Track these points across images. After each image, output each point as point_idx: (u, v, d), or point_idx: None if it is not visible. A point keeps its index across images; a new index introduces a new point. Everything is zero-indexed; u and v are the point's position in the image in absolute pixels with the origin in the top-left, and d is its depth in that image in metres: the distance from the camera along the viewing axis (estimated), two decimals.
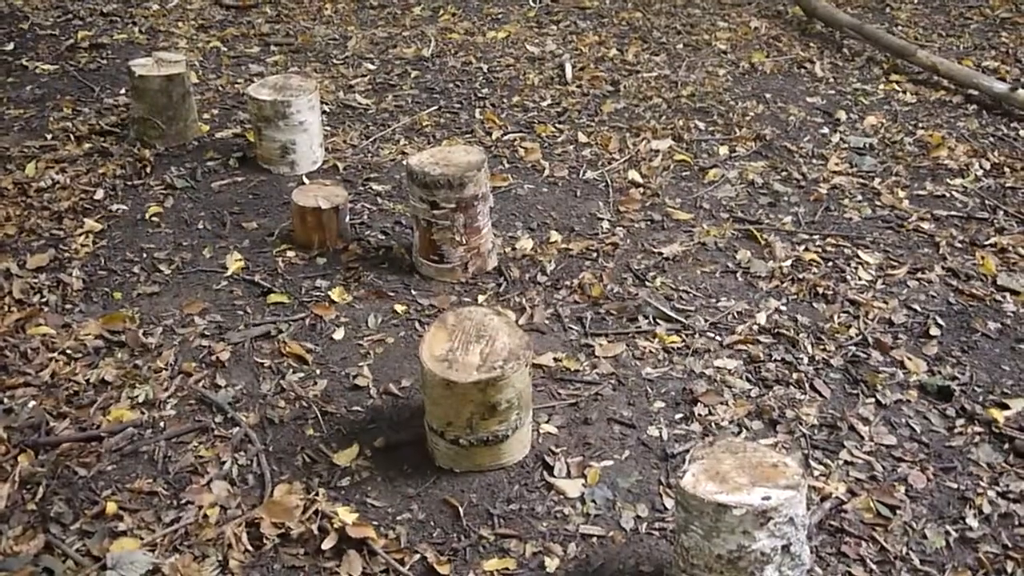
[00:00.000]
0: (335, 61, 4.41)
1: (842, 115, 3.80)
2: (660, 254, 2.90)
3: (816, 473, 2.10)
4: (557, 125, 3.75)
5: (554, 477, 2.09)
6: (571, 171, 3.41)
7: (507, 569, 1.88)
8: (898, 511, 2.00)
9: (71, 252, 2.91)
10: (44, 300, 2.68)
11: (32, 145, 3.54)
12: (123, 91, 3.98)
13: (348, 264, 2.86)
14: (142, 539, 1.92)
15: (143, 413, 2.27)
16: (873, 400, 2.31)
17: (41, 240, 2.97)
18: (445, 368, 2.00)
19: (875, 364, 2.43)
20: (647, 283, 2.76)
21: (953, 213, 3.11)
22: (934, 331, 2.54)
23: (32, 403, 2.29)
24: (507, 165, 3.45)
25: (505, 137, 3.66)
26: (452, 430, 2.04)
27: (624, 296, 2.71)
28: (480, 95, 4.02)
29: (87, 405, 2.29)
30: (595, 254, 2.91)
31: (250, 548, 1.91)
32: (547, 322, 2.60)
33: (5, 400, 2.30)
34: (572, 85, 4.11)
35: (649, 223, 3.08)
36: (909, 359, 2.44)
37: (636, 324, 2.59)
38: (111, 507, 1.99)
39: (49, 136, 3.62)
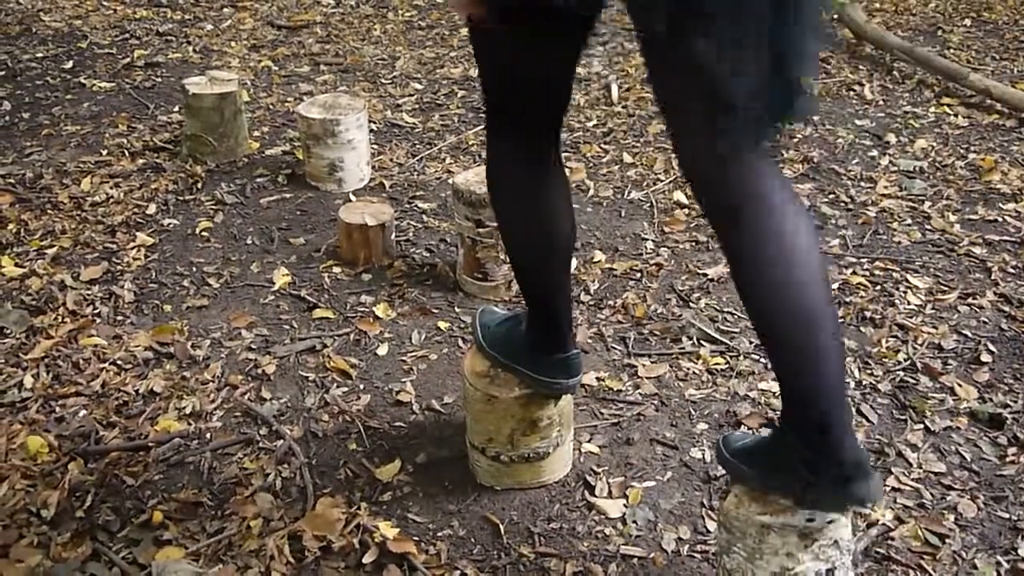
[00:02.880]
0: (383, 81, 4.47)
1: (892, 138, 3.76)
2: (705, 275, 2.88)
3: None
4: (602, 145, 3.76)
5: (595, 497, 2.08)
6: (616, 191, 3.41)
7: None
8: (947, 540, 1.96)
9: (123, 265, 2.97)
10: (96, 311, 2.73)
11: (88, 160, 3.63)
12: (177, 109, 4.07)
13: (393, 281, 2.88)
14: (187, 548, 1.94)
15: (190, 424, 2.31)
16: (922, 426, 2.27)
17: (95, 253, 3.04)
18: (487, 383, 2.01)
19: (924, 390, 2.39)
20: (691, 304, 2.75)
21: (1006, 238, 3.05)
22: (985, 357, 2.50)
23: (83, 412, 2.34)
24: None
25: None
26: (493, 446, 2.04)
27: (668, 317, 2.69)
28: None
29: (136, 415, 2.33)
30: (639, 274, 2.90)
31: (292, 560, 1.92)
32: (590, 341, 2.60)
33: (57, 409, 2.35)
34: (618, 106, 4.12)
35: (694, 244, 3.07)
36: (959, 385, 2.40)
37: (680, 345, 2.58)
38: (157, 516, 2.02)
39: (104, 152, 3.71)
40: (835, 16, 5.11)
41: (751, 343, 2.56)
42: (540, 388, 1.93)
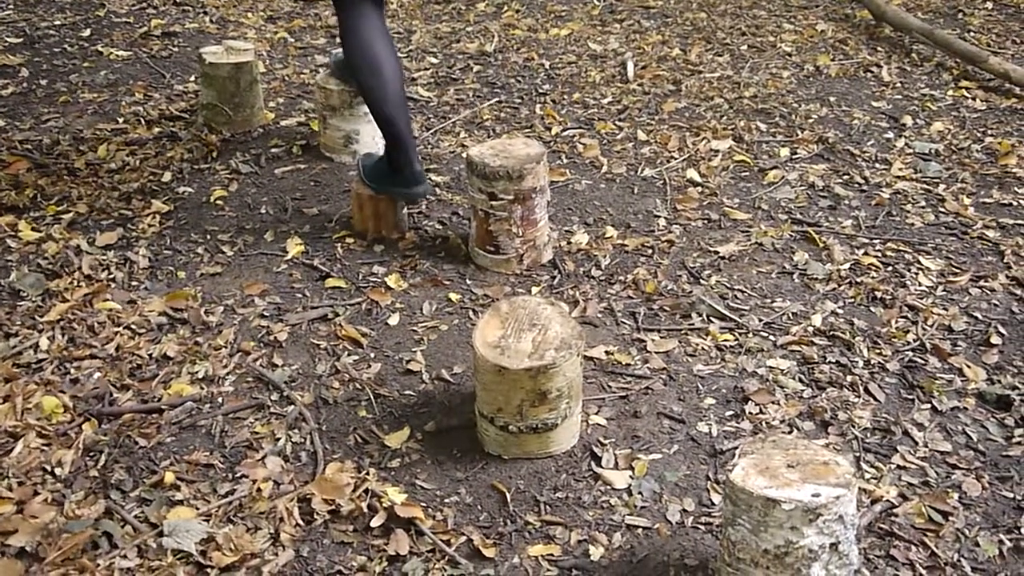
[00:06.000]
0: (399, 54, 4.46)
1: (908, 120, 3.75)
2: (716, 253, 2.89)
3: (867, 476, 2.08)
4: (617, 122, 3.75)
5: (601, 467, 2.10)
6: (629, 168, 3.41)
7: (552, 555, 1.89)
8: (951, 517, 1.97)
9: (138, 231, 2.99)
10: (112, 276, 2.76)
11: (104, 128, 3.65)
12: (193, 78, 4.08)
13: (405, 252, 2.90)
14: (198, 509, 1.97)
15: (202, 388, 2.33)
16: (929, 406, 2.28)
17: (110, 219, 3.06)
18: (497, 354, 2.02)
19: (932, 370, 2.40)
20: (702, 281, 2.76)
21: (1020, 222, 3.04)
22: (995, 340, 2.50)
23: (97, 375, 2.37)
24: (565, 160, 3.46)
25: (564, 133, 3.67)
26: (502, 416, 2.06)
27: (678, 293, 2.70)
28: (541, 91, 4.04)
29: (149, 378, 2.36)
30: (650, 251, 2.91)
31: (301, 522, 1.95)
32: (600, 315, 2.61)
33: (72, 371, 2.38)
34: (633, 83, 4.11)
35: (706, 222, 3.07)
36: (968, 367, 2.40)
37: (689, 321, 2.59)
38: (169, 477, 2.05)
39: (121, 120, 3.73)
40: None
41: (760, 321, 2.57)
42: (403, 196, 2.89)
